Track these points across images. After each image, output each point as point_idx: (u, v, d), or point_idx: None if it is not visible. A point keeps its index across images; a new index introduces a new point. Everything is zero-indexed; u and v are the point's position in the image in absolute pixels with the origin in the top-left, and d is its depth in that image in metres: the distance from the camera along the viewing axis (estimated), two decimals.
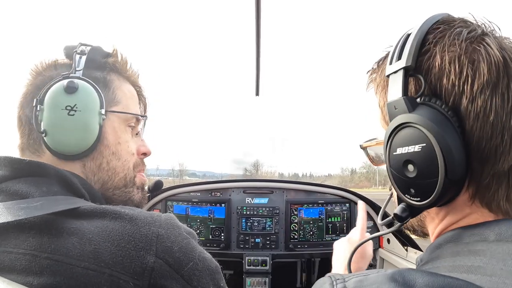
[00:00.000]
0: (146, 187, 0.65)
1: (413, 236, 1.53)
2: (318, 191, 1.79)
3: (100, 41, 0.60)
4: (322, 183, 1.93)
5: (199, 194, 1.77)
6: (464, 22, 0.38)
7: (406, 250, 1.47)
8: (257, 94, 1.94)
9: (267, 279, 1.65)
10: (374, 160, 0.53)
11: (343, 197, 1.76)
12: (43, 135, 0.50)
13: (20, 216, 0.38)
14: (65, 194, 0.47)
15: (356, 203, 1.74)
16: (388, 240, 1.62)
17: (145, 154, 0.65)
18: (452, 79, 0.35)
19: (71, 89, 0.51)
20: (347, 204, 1.75)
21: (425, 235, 0.46)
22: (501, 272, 0.29)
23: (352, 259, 0.69)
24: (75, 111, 0.51)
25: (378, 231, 1.75)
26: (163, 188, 1.76)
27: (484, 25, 0.38)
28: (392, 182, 0.41)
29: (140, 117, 0.64)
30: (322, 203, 1.74)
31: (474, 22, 0.38)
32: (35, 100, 0.51)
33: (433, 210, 0.41)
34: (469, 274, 0.30)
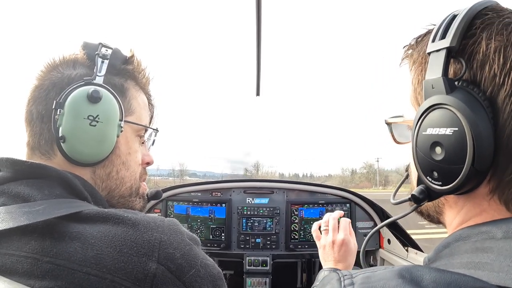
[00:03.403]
0: (145, 195, 0.65)
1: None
2: (318, 191, 1.79)
3: (100, 39, 0.59)
4: (323, 183, 1.93)
5: (199, 194, 1.77)
6: None
7: (407, 250, 1.47)
8: (257, 94, 1.94)
9: (267, 279, 1.65)
10: (395, 138, 0.52)
11: (343, 197, 1.75)
12: (61, 140, 0.49)
13: (22, 222, 0.37)
14: (68, 197, 0.46)
15: (356, 203, 1.75)
16: (389, 241, 1.62)
17: (148, 164, 0.65)
18: (495, 69, 0.34)
19: (95, 99, 0.50)
20: (348, 205, 1.75)
21: (439, 223, 0.46)
22: (508, 269, 0.29)
23: (339, 257, 0.82)
24: (97, 121, 0.51)
25: (379, 230, 1.75)
26: (164, 188, 1.76)
27: None
28: (415, 162, 0.40)
29: (152, 130, 0.65)
30: (322, 203, 1.74)
31: None
32: (54, 102, 0.50)
33: (452, 197, 0.41)
34: (476, 271, 0.30)
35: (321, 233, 0.89)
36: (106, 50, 0.55)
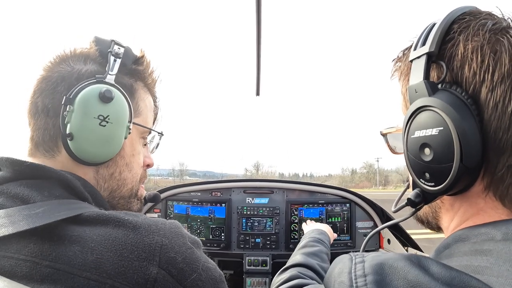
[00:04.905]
0: (143, 198, 0.65)
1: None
2: (318, 191, 1.79)
3: (101, 36, 0.57)
4: (323, 183, 1.93)
5: (199, 194, 1.78)
6: (490, 15, 0.39)
7: (407, 250, 1.47)
8: (257, 94, 1.94)
9: (267, 279, 1.65)
10: (392, 148, 0.54)
11: (343, 197, 1.76)
12: (68, 138, 0.48)
13: (22, 227, 0.37)
14: (68, 197, 0.46)
15: (356, 203, 1.75)
16: (389, 241, 1.62)
17: (149, 166, 0.65)
18: (474, 68, 0.35)
19: (107, 99, 0.49)
20: (348, 204, 1.75)
21: (439, 228, 0.46)
22: (508, 274, 0.29)
23: (328, 230, 1.14)
24: (107, 122, 0.50)
25: (379, 230, 1.75)
26: (164, 188, 1.76)
27: (510, 19, 0.38)
28: (408, 166, 0.42)
29: (157, 133, 0.65)
30: (322, 203, 1.74)
31: (501, 16, 0.39)
32: (64, 97, 0.48)
33: (448, 200, 0.41)
34: (476, 275, 0.30)
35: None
36: (119, 48, 0.54)
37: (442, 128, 0.36)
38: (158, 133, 0.65)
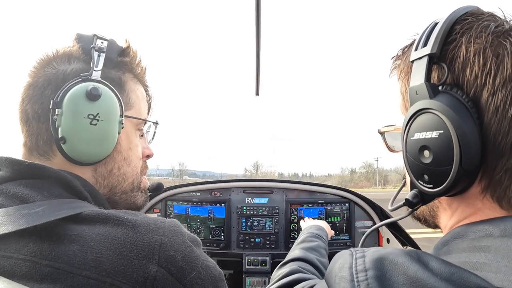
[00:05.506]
0: (147, 189, 0.64)
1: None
2: (318, 191, 1.80)
3: (99, 33, 0.55)
4: (322, 183, 1.93)
5: (199, 194, 1.78)
6: (492, 16, 0.38)
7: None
8: (257, 94, 1.94)
9: (267, 279, 1.65)
10: (389, 147, 0.54)
11: (343, 197, 1.76)
12: (61, 142, 0.48)
13: (21, 225, 0.37)
14: (67, 197, 0.46)
15: (356, 203, 1.75)
16: (388, 240, 1.62)
17: (148, 156, 0.64)
18: (475, 71, 0.35)
19: (94, 97, 0.48)
20: (347, 204, 1.75)
21: (436, 227, 0.46)
22: (506, 269, 0.29)
23: (325, 227, 1.16)
24: (98, 120, 0.49)
25: (378, 229, 1.76)
26: (164, 188, 1.76)
27: None
28: (407, 167, 0.42)
29: (152, 123, 0.64)
30: (322, 203, 1.74)
31: (503, 17, 0.38)
32: (51, 101, 0.48)
33: (445, 200, 0.42)
34: (474, 271, 0.30)
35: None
36: (102, 43, 0.53)
37: (442, 131, 0.35)
38: (153, 122, 0.64)
